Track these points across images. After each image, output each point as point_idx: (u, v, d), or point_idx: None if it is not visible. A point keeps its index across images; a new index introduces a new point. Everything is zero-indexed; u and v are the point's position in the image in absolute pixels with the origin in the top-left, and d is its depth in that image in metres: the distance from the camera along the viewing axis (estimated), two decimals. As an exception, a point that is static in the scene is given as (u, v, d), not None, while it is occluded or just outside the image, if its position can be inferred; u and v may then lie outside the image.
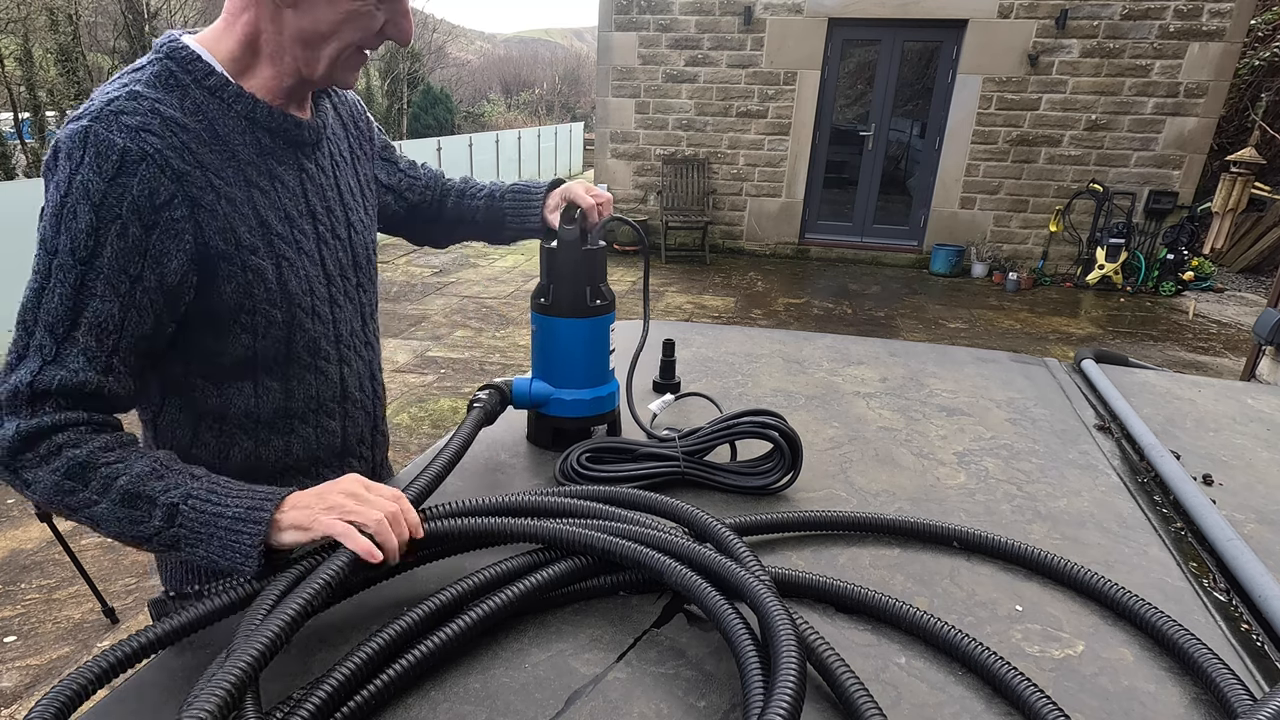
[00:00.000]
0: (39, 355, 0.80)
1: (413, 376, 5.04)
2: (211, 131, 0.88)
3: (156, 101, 0.84)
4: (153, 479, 0.78)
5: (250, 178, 0.92)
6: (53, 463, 0.79)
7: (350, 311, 1.09)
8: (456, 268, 8.31)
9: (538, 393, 1.12)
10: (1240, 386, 1.60)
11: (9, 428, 0.79)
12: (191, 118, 0.87)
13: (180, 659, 0.72)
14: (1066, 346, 6.09)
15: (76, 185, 0.79)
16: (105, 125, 0.80)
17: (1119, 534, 0.97)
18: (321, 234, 1.02)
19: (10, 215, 4.84)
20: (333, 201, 1.05)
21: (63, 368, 0.80)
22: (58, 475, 0.78)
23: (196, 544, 0.76)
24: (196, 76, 0.88)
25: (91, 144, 0.79)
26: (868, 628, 0.76)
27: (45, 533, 2.73)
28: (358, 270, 1.10)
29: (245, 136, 0.92)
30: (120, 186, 0.80)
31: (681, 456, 1.03)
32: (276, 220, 0.95)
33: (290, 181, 0.98)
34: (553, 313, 1.09)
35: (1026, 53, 7.77)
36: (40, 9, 13.05)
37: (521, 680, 0.68)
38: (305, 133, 0.98)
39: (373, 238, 1.16)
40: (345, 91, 1.15)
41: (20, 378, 0.80)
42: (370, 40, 0.91)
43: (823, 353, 1.65)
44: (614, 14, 8.59)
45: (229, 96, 0.90)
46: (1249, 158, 6.60)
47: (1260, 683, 0.71)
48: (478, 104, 30.25)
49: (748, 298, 7.30)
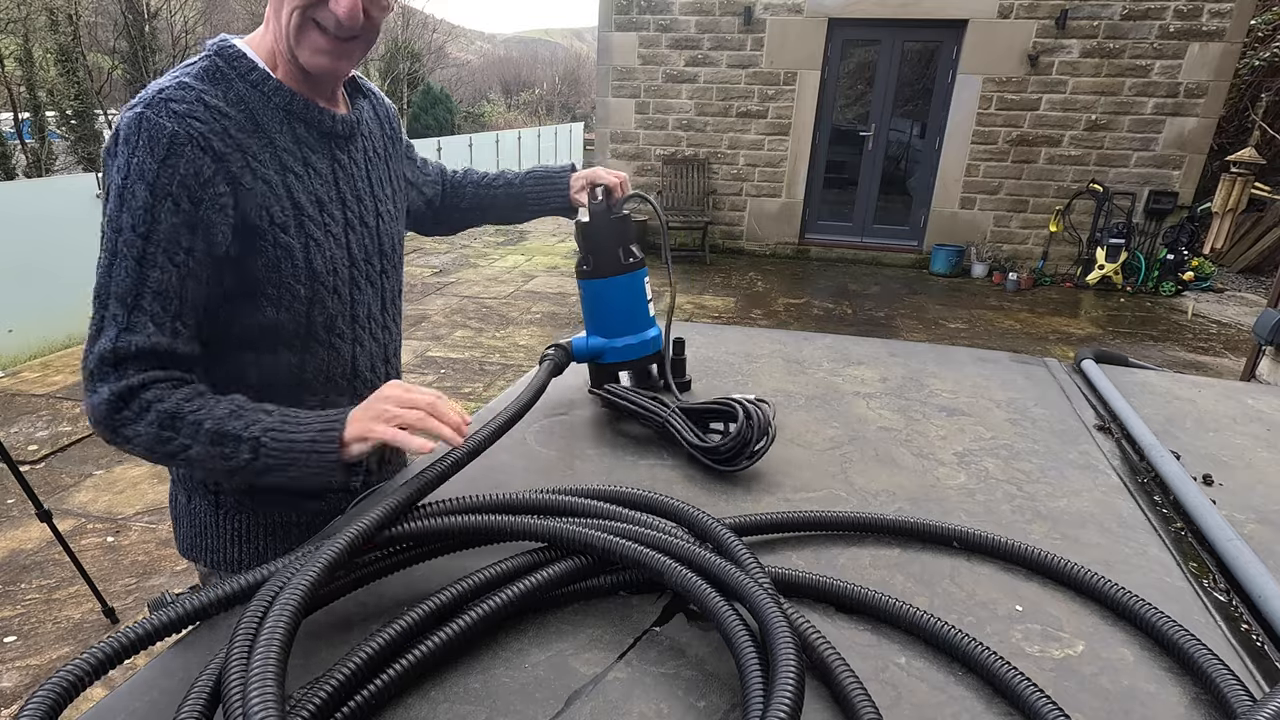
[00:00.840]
0: (114, 324, 0.90)
1: (413, 377, 5.04)
2: (252, 120, 0.97)
3: (203, 92, 0.93)
4: (233, 419, 0.90)
5: (286, 163, 1.00)
6: (146, 417, 0.89)
7: (370, 295, 1.15)
8: (456, 268, 8.31)
9: (594, 346, 1.30)
10: (1240, 386, 1.60)
11: (103, 391, 0.90)
12: (234, 107, 0.95)
13: (181, 658, 0.72)
14: (1066, 346, 6.09)
15: (134, 167, 0.88)
16: (156, 111, 0.89)
17: (1119, 534, 0.97)
18: (350, 220, 1.09)
19: (10, 215, 4.85)
20: (363, 191, 1.12)
21: (136, 333, 0.90)
22: (153, 428, 0.89)
23: (283, 469, 0.89)
24: (240, 71, 0.97)
25: (144, 129, 0.88)
26: (868, 628, 0.76)
27: (45, 533, 2.73)
28: (382, 257, 1.17)
29: (283, 126, 1.00)
30: (170, 167, 0.89)
31: (673, 412, 1.14)
32: (308, 203, 1.02)
33: (323, 169, 1.05)
34: (595, 276, 1.27)
35: (1026, 53, 7.77)
36: (40, 9, 13.05)
37: (521, 680, 0.68)
38: (339, 126, 1.07)
39: (400, 229, 1.24)
40: (383, 99, 1.27)
41: (103, 346, 0.90)
42: (314, 9, 0.93)
43: (823, 353, 1.65)
44: (614, 14, 8.59)
45: (269, 90, 0.98)
46: (1249, 158, 6.60)
47: (1260, 683, 0.71)
48: (478, 104, 30.25)
49: (748, 298, 7.30)
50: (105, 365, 0.90)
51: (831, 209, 9.11)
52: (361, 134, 1.13)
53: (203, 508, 1.13)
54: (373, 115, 1.19)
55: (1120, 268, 7.92)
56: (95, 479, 3.57)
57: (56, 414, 4.25)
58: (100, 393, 0.90)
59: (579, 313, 1.32)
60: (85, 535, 3.10)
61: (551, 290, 7.42)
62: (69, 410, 4.30)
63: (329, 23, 0.94)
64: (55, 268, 4.85)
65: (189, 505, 1.14)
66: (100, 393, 0.90)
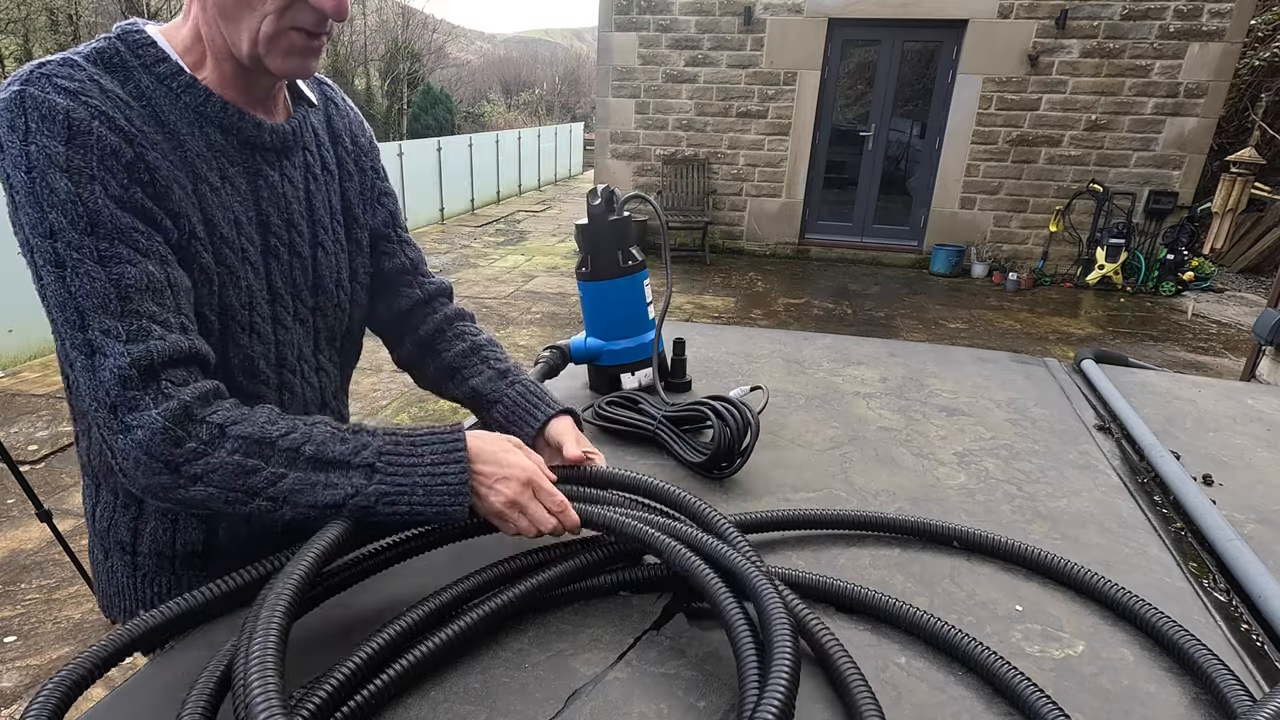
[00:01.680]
0: (112, 338, 0.70)
1: (413, 376, 5.04)
2: (155, 117, 0.79)
3: (95, 74, 0.75)
4: (335, 442, 0.74)
5: (199, 171, 0.82)
6: (223, 445, 0.71)
7: (300, 334, 0.96)
8: (456, 268, 8.31)
9: (591, 347, 1.32)
10: (1240, 386, 1.60)
11: (147, 419, 0.69)
12: (134, 99, 0.78)
13: (181, 658, 0.72)
14: (1066, 347, 6.09)
15: (35, 156, 0.70)
16: (39, 87, 0.71)
17: (1119, 534, 0.96)
18: (272, 246, 0.90)
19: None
20: (296, 215, 0.93)
21: (148, 338, 0.71)
22: (236, 456, 0.71)
23: (398, 499, 0.73)
24: (145, 61, 0.80)
25: (31, 108, 0.70)
26: (868, 628, 0.76)
27: (45, 533, 2.73)
28: (318, 293, 0.97)
29: (193, 129, 0.82)
30: (81, 146, 0.71)
31: (660, 420, 1.15)
32: (224, 222, 0.84)
33: (241, 185, 0.87)
34: (593, 278, 1.28)
35: (1026, 53, 7.76)
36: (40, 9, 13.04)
37: (521, 680, 0.68)
38: (266, 136, 0.88)
39: (359, 265, 1.03)
40: (351, 111, 1.06)
41: (115, 365, 0.69)
42: (293, 11, 0.79)
43: (823, 353, 1.65)
44: (614, 14, 8.59)
45: (178, 86, 0.81)
46: (1249, 158, 6.60)
47: (1260, 683, 0.71)
48: (478, 104, 30.24)
49: (748, 298, 7.30)
50: (131, 388, 0.70)
51: (831, 209, 9.11)
52: (304, 147, 0.94)
53: (119, 567, 0.97)
54: (325, 127, 0.99)
55: (1120, 268, 7.91)
56: (95, 479, 3.58)
57: (56, 414, 4.25)
58: (143, 423, 0.69)
59: (579, 313, 1.30)
60: (85, 535, 3.10)
61: (551, 290, 7.42)
62: (69, 410, 4.30)
63: (308, 22, 0.80)
64: (55, 268, 4.85)
65: (106, 563, 0.99)
66: (143, 423, 0.69)
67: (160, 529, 0.94)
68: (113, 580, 0.99)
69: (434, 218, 10.86)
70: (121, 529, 0.95)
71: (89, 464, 0.96)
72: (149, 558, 0.96)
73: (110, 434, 0.71)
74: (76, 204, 0.70)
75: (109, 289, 0.71)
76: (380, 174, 1.09)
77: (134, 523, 0.94)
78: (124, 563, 0.97)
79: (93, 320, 0.70)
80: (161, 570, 0.96)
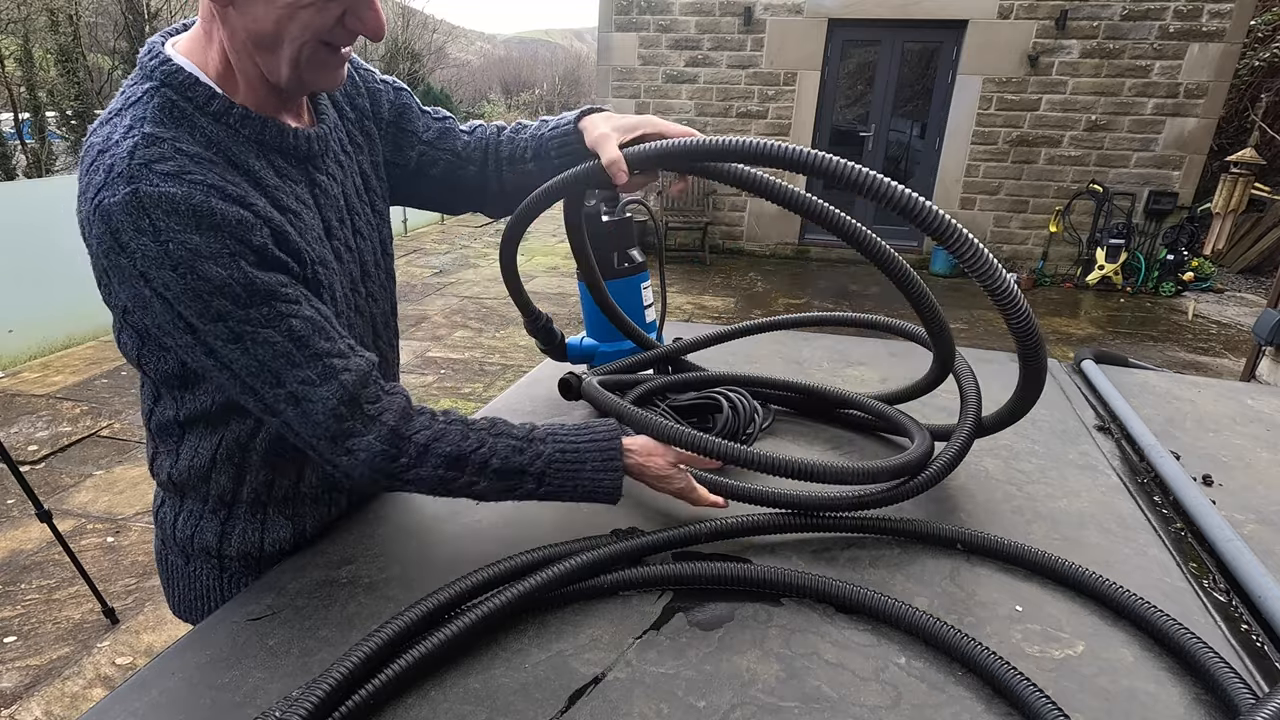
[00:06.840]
0: (310, 385, 0.80)
1: (413, 377, 5.03)
2: (232, 163, 0.81)
3: (175, 140, 0.77)
4: (516, 455, 0.88)
5: (283, 203, 0.85)
6: (428, 461, 0.84)
7: (361, 326, 1.02)
8: (456, 268, 8.31)
9: (587, 348, 1.32)
10: (1240, 387, 1.60)
11: (368, 444, 0.82)
12: (208, 150, 0.80)
13: (180, 658, 0.72)
14: (1066, 347, 6.09)
15: (176, 252, 0.73)
16: (147, 182, 0.73)
17: (1119, 534, 0.96)
18: (338, 251, 0.95)
19: (10, 215, 4.85)
20: (342, 212, 0.97)
21: (338, 374, 0.81)
22: (439, 470, 0.85)
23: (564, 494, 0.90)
24: (197, 104, 0.81)
25: (151, 207, 0.73)
26: (868, 628, 0.76)
27: (45, 533, 2.73)
28: (366, 280, 1.02)
29: (261, 161, 0.85)
30: (210, 228, 0.75)
31: (664, 412, 1.15)
32: (313, 242, 0.88)
33: (307, 199, 0.90)
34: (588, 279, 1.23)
35: (1026, 53, 7.76)
36: (40, 9, 13.04)
37: (521, 680, 0.68)
38: (314, 144, 0.91)
39: (383, 236, 1.07)
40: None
41: (326, 408, 0.80)
42: (331, 35, 0.81)
43: (823, 353, 1.65)
44: (614, 14, 8.59)
45: (234, 121, 0.82)
46: (1249, 158, 6.60)
47: (1260, 683, 0.71)
48: (478, 105, 30.24)
49: (748, 298, 7.30)
50: (343, 420, 0.81)
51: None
52: (330, 141, 0.97)
53: (203, 571, 1.02)
54: (331, 107, 1.01)
55: (1120, 268, 7.91)
56: (95, 479, 3.57)
57: (56, 414, 4.25)
58: (363, 447, 0.82)
59: (579, 313, 1.30)
60: (85, 535, 3.10)
61: (552, 290, 7.42)
62: (69, 410, 4.30)
63: (343, 40, 0.82)
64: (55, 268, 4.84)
65: (187, 568, 1.03)
66: (363, 447, 0.82)
67: (249, 530, 0.98)
68: (194, 585, 1.04)
69: (434, 218, 10.86)
70: (208, 534, 0.98)
71: (170, 480, 0.98)
72: (236, 560, 1.00)
73: (335, 457, 0.83)
74: (233, 285, 0.76)
75: (287, 345, 0.79)
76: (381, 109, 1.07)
77: (221, 527, 0.98)
78: (209, 566, 1.02)
79: (286, 375, 0.79)
80: (248, 570, 1.01)
